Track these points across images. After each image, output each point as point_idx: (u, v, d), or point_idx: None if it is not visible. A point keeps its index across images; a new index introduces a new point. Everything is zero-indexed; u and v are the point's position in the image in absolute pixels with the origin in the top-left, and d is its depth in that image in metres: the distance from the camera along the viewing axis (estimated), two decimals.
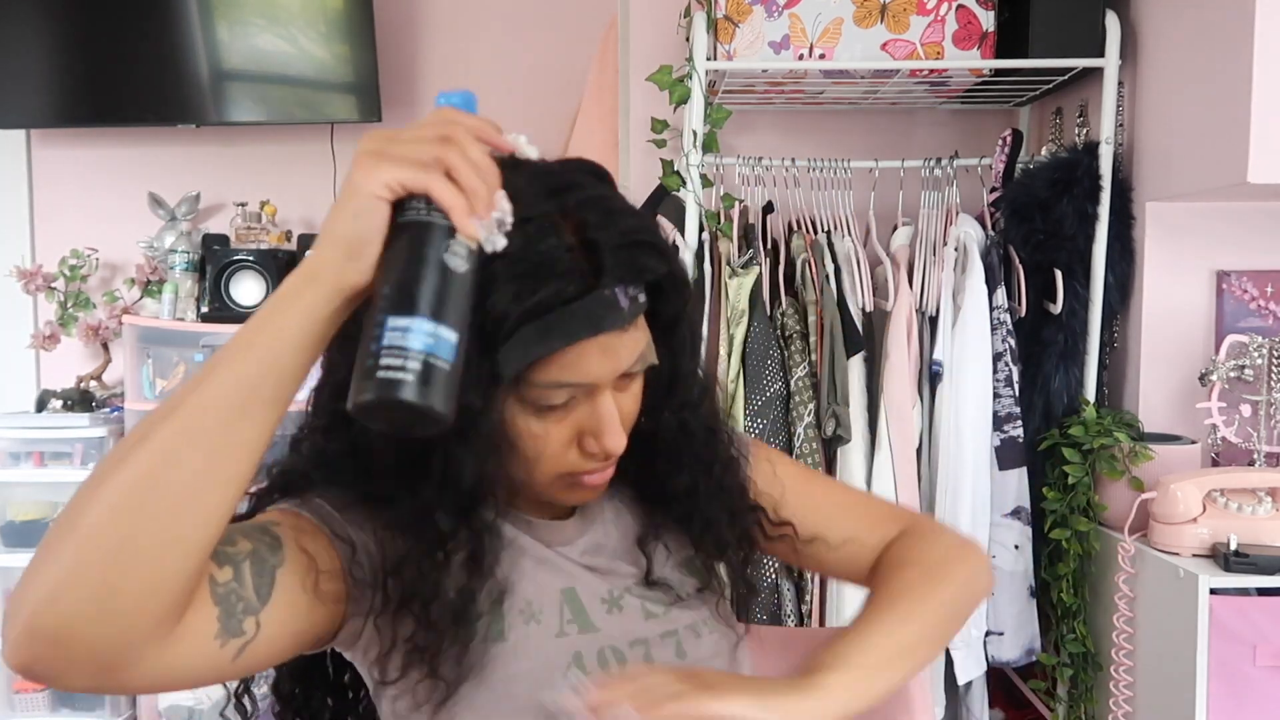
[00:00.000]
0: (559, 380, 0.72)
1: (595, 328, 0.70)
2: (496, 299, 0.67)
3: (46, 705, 2.51)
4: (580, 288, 0.69)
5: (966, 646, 1.71)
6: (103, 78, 2.59)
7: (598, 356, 0.72)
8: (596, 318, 0.70)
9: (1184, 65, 1.59)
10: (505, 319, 0.67)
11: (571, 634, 0.79)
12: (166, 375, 2.52)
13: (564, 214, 0.70)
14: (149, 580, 0.57)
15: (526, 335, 0.68)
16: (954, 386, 1.70)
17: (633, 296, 0.72)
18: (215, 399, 0.60)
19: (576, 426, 0.75)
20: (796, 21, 1.71)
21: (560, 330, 0.69)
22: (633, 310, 0.73)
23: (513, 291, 0.67)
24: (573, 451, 0.76)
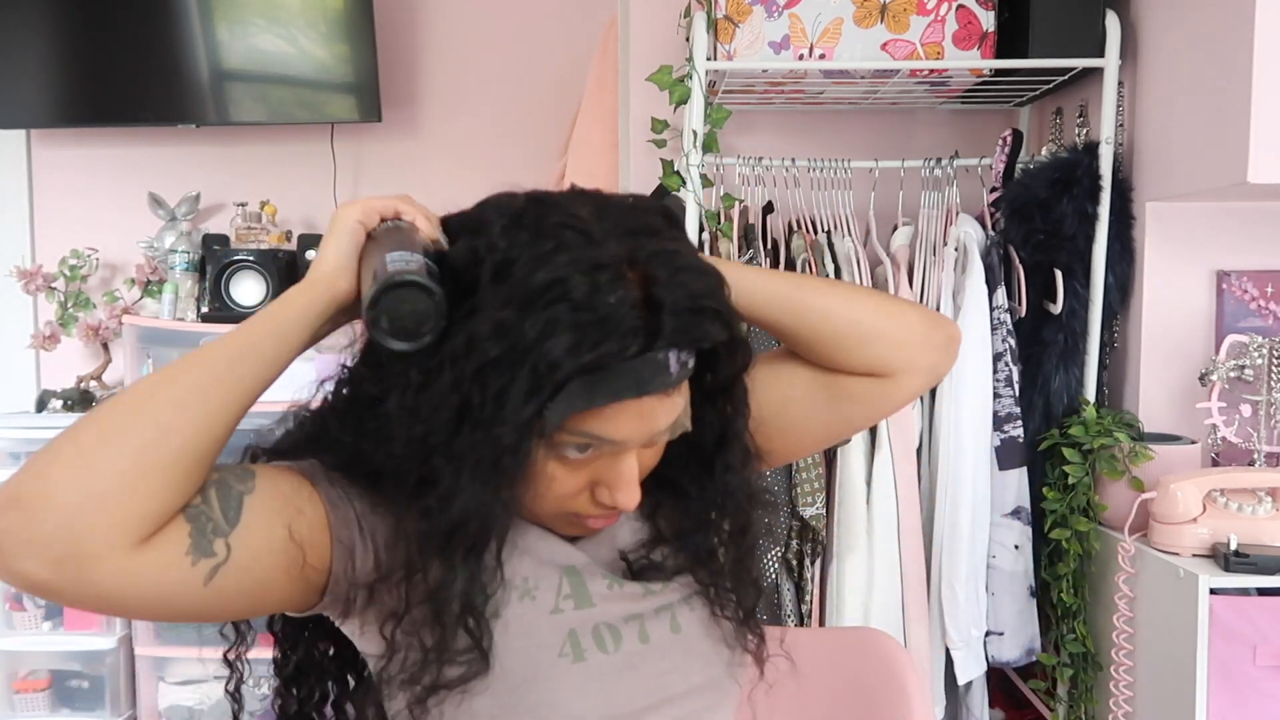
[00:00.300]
0: (590, 433, 0.71)
1: (640, 390, 0.70)
2: (554, 345, 0.66)
3: (46, 705, 2.51)
4: (637, 348, 0.68)
5: (966, 646, 1.71)
6: (103, 78, 2.60)
7: (634, 418, 0.71)
8: (643, 380, 0.69)
9: (1184, 65, 1.59)
10: (558, 369, 0.66)
11: (567, 610, 0.79)
12: None
13: (633, 264, 0.69)
14: (136, 464, 0.64)
15: (573, 390, 0.68)
16: (954, 386, 1.70)
17: (683, 362, 0.72)
18: (224, 346, 0.72)
19: (594, 476, 0.75)
20: (796, 21, 1.71)
21: (605, 389, 0.69)
22: (680, 375, 0.72)
23: (571, 341, 0.66)
24: (584, 497, 0.76)
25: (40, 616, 2.51)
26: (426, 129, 2.77)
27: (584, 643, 0.78)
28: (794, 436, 0.91)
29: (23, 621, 2.50)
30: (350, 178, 2.78)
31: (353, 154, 2.77)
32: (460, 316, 0.69)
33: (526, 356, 0.66)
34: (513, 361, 0.67)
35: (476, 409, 0.68)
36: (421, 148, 2.75)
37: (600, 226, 0.70)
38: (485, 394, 0.67)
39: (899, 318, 0.88)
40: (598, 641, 0.78)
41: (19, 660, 2.53)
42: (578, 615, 0.79)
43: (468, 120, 2.74)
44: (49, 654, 2.52)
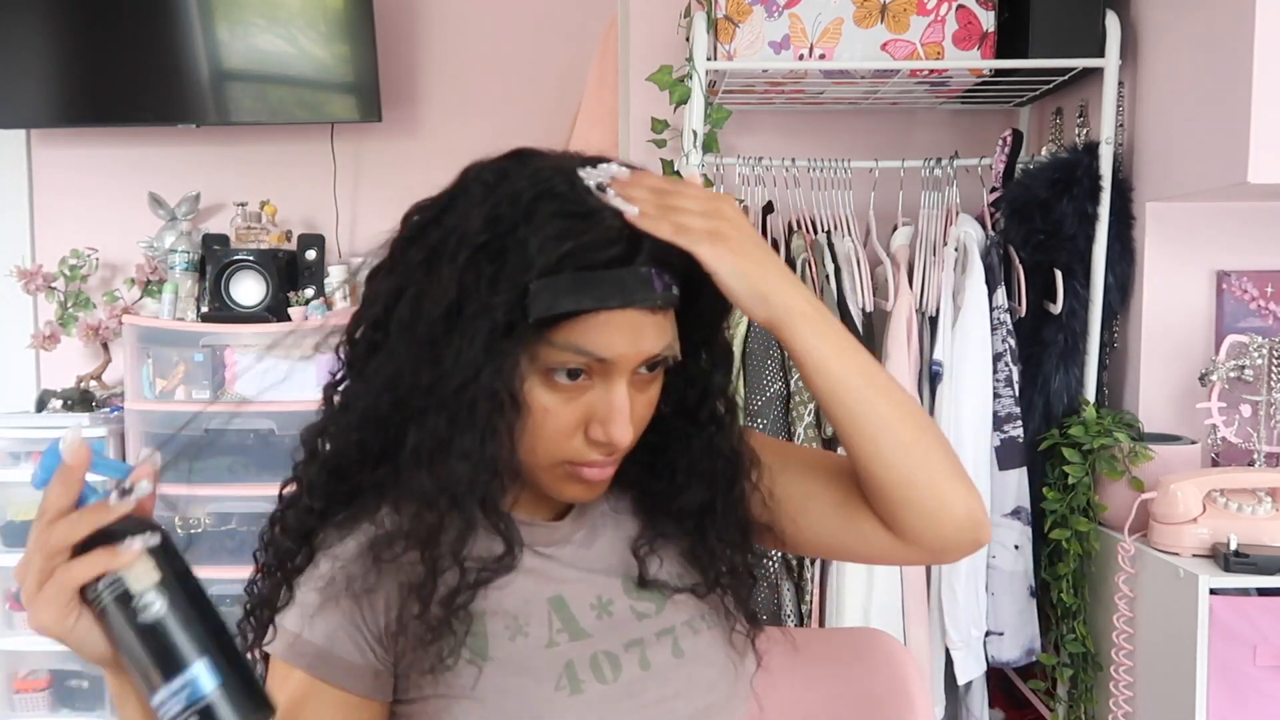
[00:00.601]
0: (579, 345, 0.70)
1: (627, 299, 0.70)
2: (538, 233, 0.67)
3: (46, 705, 2.51)
4: (620, 254, 0.69)
5: (966, 646, 1.71)
6: (103, 78, 2.59)
7: (622, 332, 0.71)
8: (629, 289, 0.70)
9: (1184, 65, 1.59)
10: (543, 253, 0.67)
11: (562, 643, 0.77)
12: (166, 375, 2.52)
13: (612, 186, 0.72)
14: None
15: (560, 284, 0.68)
16: (954, 386, 1.70)
17: (667, 283, 0.72)
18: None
19: (586, 410, 0.73)
20: (796, 21, 1.71)
21: (593, 291, 0.69)
22: (666, 297, 0.72)
23: (557, 230, 0.68)
24: (578, 438, 0.74)
25: None
26: (426, 129, 2.77)
27: (581, 674, 0.76)
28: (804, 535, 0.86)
29: (23, 621, 2.50)
30: (350, 178, 2.78)
31: (353, 154, 2.77)
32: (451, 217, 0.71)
33: (515, 244, 0.68)
34: (501, 249, 0.68)
35: (472, 293, 0.68)
36: (421, 148, 2.75)
37: (577, 160, 0.74)
38: (480, 279, 0.68)
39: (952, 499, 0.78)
40: (595, 672, 0.77)
41: (19, 660, 2.53)
42: (574, 646, 0.77)
43: (468, 120, 2.74)
44: (49, 654, 2.52)
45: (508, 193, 0.70)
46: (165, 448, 0.78)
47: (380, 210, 2.73)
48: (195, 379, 2.52)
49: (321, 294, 2.56)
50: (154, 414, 2.51)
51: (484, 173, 0.74)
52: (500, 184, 0.71)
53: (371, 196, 2.77)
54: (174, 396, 2.52)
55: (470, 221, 0.69)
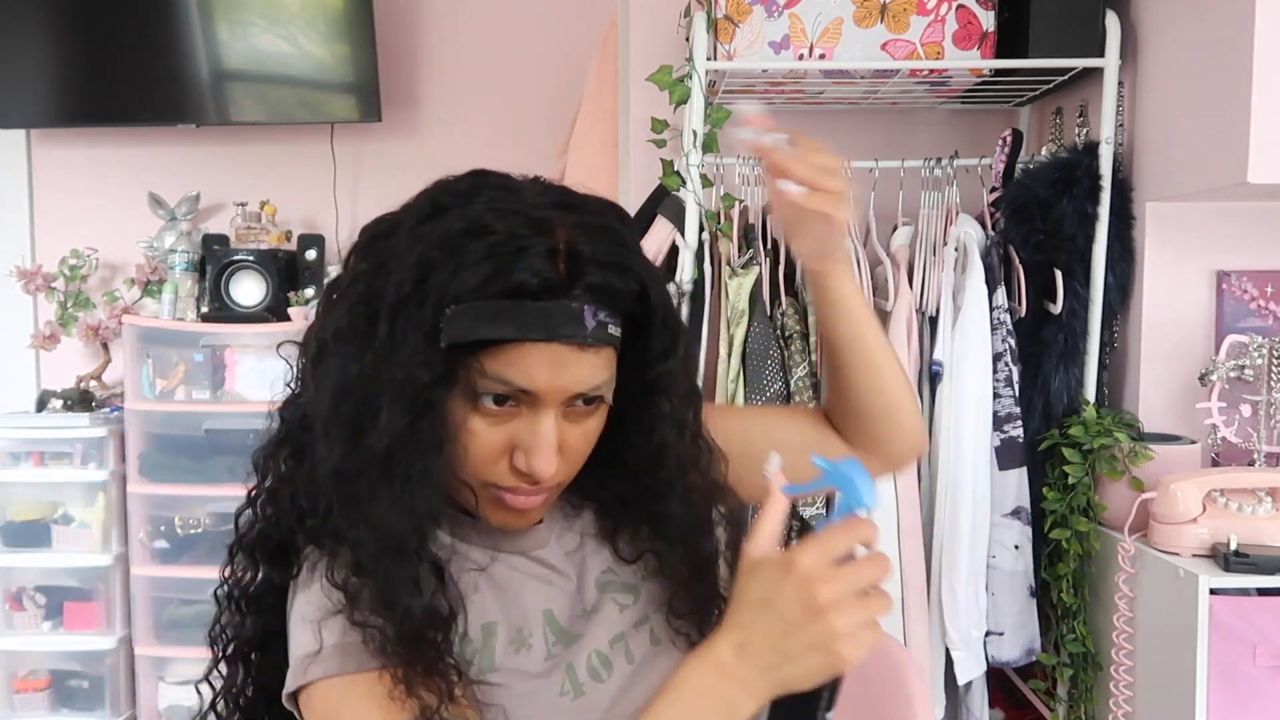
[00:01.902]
0: (500, 374, 0.70)
1: (549, 333, 0.69)
2: (463, 267, 0.68)
3: (46, 705, 2.52)
4: (548, 288, 0.69)
5: (966, 646, 1.71)
6: (103, 78, 2.60)
7: (546, 365, 0.70)
8: (554, 323, 0.69)
9: (1184, 65, 1.59)
10: (464, 289, 0.68)
11: (559, 652, 0.79)
12: (166, 375, 2.52)
13: (563, 224, 0.71)
14: None
15: (479, 309, 0.68)
16: (954, 386, 1.70)
17: (601, 321, 0.71)
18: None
19: (513, 439, 0.73)
20: (796, 21, 1.71)
21: (512, 320, 0.69)
22: (597, 333, 0.71)
23: (483, 268, 0.68)
24: (503, 463, 0.74)
25: (40, 616, 2.51)
26: (426, 129, 2.77)
27: (580, 676, 0.78)
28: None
29: (23, 621, 2.50)
30: (350, 178, 2.78)
31: (353, 154, 2.77)
32: (386, 252, 0.73)
33: (439, 286, 0.69)
34: (425, 293, 0.69)
35: (397, 337, 0.69)
36: (421, 148, 2.75)
37: (537, 198, 0.73)
38: (404, 323, 0.69)
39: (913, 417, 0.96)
40: (592, 673, 0.79)
41: (19, 660, 2.53)
42: (570, 651, 0.79)
43: (468, 120, 2.74)
44: (49, 654, 2.53)
45: (441, 230, 0.70)
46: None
47: (380, 210, 2.72)
48: (195, 379, 2.52)
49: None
50: (154, 414, 2.51)
51: (434, 196, 0.75)
52: (439, 218, 0.72)
53: (371, 196, 2.77)
54: (174, 396, 2.52)
55: (402, 258, 0.71)
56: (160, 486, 2.49)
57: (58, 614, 2.52)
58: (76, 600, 2.52)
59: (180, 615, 2.51)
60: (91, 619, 2.50)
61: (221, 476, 2.48)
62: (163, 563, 2.50)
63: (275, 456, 0.80)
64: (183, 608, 2.51)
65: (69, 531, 2.49)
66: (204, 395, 2.52)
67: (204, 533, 2.52)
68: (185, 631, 2.49)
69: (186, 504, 2.50)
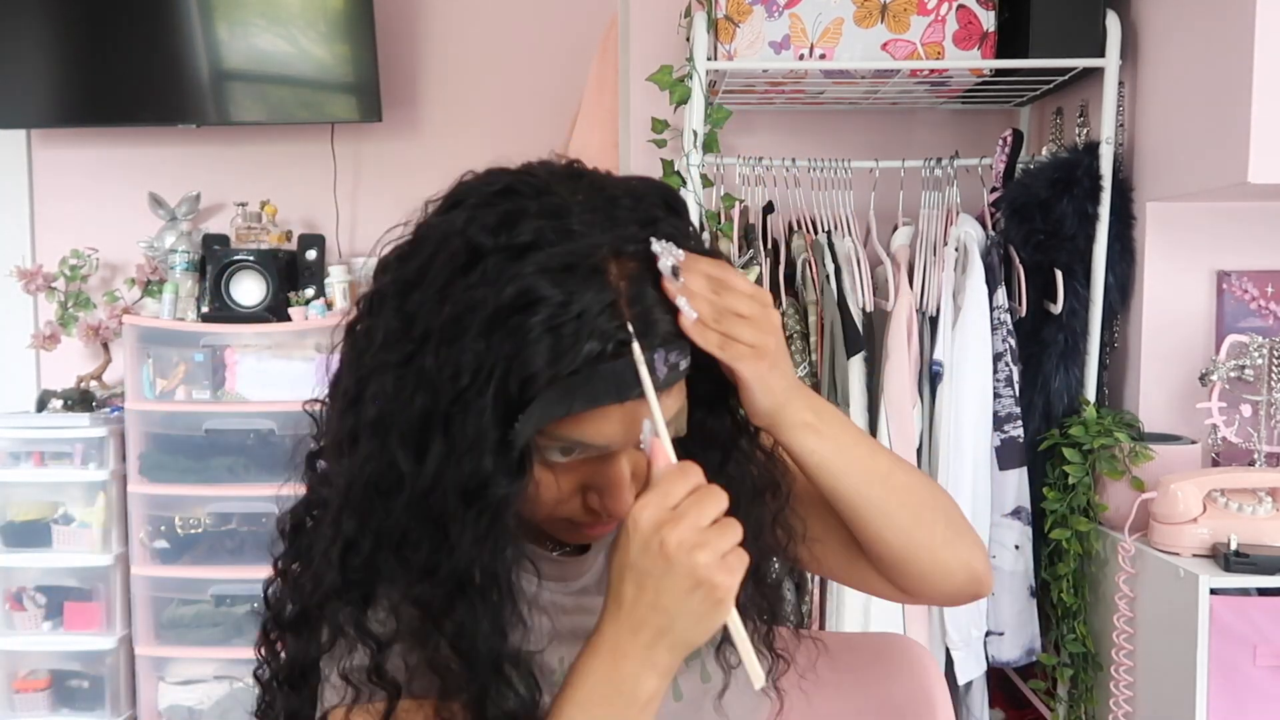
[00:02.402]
0: (573, 439, 0.66)
1: (621, 394, 0.64)
2: (527, 356, 0.62)
3: (46, 705, 2.51)
4: (616, 347, 0.63)
5: (966, 646, 1.71)
6: (103, 78, 2.59)
7: (620, 423, 0.66)
8: (625, 385, 0.64)
9: (1184, 65, 1.59)
10: (535, 380, 0.62)
11: None
12: (167, 375, 2.52)
13: (618, 255, 0.65)
14: None
15: (548, 397, 0.63)
16: (954, 386, 1.70)
17: (673, 364, 0.66)
18: None
19: (584, 481, 0.70)
20: (797, 21, 1.71)
21: (584, 393, 0.63)
22: (669, 378, 0.66)
23: (547, 351, 0.62)
24: (576, 502, 0.71)
25: (40, 616, 2.51)
26: (426, 129, 2.77)
27: None
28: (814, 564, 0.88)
29: (23, 621, 2.50)
30: (350, 178, 2.78)
31: (353, 154, 2.77)
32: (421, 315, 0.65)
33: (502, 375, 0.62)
34: (483, 386, 0.63)
35: (457, 436, 0.64)
36: (421, 148, 2.75)
37: (582, 218, 0.65)
38: (464, 420, 0.63)
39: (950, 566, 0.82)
40: None
41: (19, 660, 2.53)
42: None
43: (468, 120, 2.74)
44: (49, 654, 2.52)
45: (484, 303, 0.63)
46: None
47: (380, 210, 2.73)
48: (195, 379, 2.52)
49: (322, 294, 2.56)
50: (154, 414, 2.51)
51: (468, 233, 0.66)
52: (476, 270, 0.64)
53: (371, 196, 2.77)
54: (174, 396, 2.52)
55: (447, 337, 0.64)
56: (160, 486, 2.49)
57: (58, 614, 2.52)
58: (76, 600, 2.52)
59: (180, 615, 2.50)
60: (91, 619, 2.50)
61: (221, 476, 2.48)
62: (163, 563, 2.50)
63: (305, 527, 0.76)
64: (183, 608, 2.51)
65: (69, 531, 2.49)
66: (204, 395, 2.52)
67: (204, 533, 2.52)
68: (185, 631, 2.49)
69: (186, 504, 2.50)
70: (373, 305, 0.70)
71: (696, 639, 0.64)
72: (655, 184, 0.72)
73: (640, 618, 0.63)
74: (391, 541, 0.68)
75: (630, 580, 0.63)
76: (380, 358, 0.67)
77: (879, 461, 0.79)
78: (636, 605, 0.63)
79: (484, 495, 0.65)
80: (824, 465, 0.76)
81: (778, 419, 0.74)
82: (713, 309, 0.68)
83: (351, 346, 0.72)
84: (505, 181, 0.69)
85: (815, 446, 0.76)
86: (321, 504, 0.74)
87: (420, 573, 0.67)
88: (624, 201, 0.68)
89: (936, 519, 0.81)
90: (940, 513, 0.81)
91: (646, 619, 0.63)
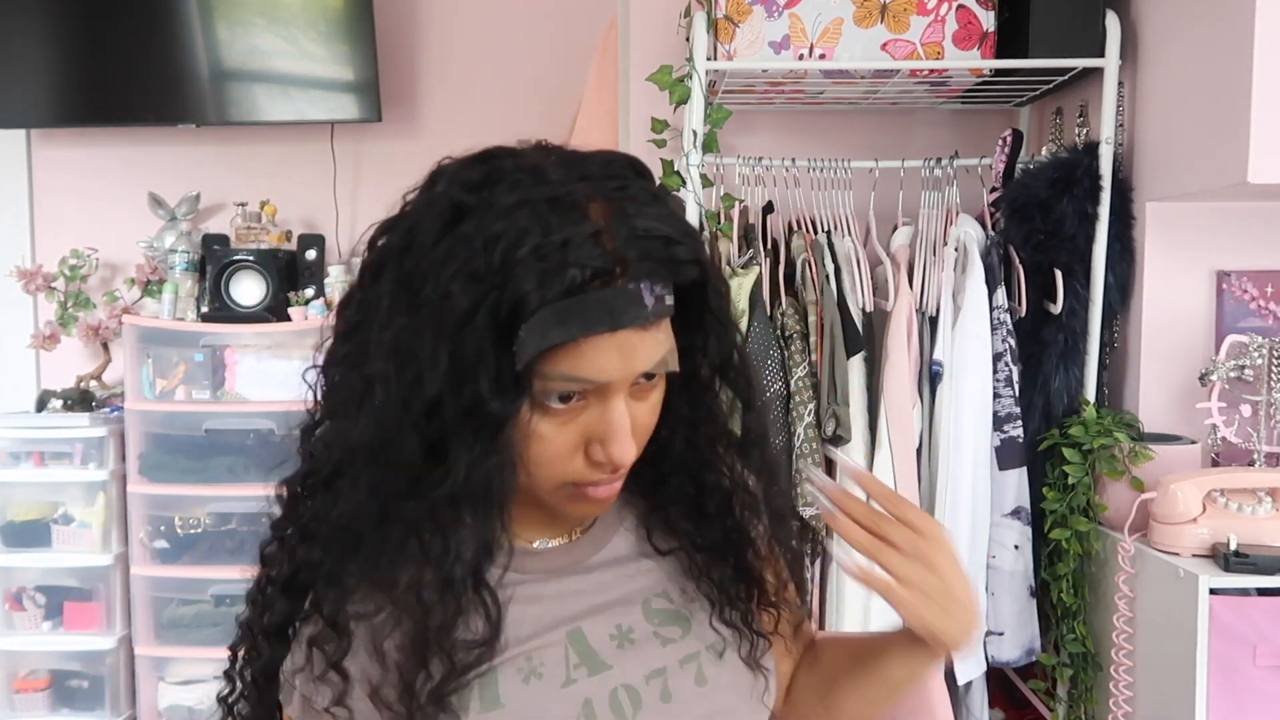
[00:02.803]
0: (570, 374, 0.67)
1: (614, 322, 0.66)
2: (517, 283, 0.64)
3: (46, 705, 2.52)
4: (604, 276, 0.66)
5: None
6: (103, 78, 2.60)
7: (614, 354, 0.67)
8: (617, 311, 0.66)
9: (1184, 65, 1.59)
10: (525, 305, 0.64)
11: (580, 679, 0.74)
12: (167, 375, 2.52)
13: (592, 197, 0.67)
14: None
15: (543, 319, 0.64)
16: (954, 386, 1.70)
17: (659, 295, 0.68)
18: None
19: (585, 431, 0.71)
20: (796, 21, 1.71)
21: (578, 319, 0.65)
22: (657, 310, 0.68)
23: (535, 276, 0.64)
24: (579, 459, 0.71)
25: (40, 616, 2.51)
26: (426, 129, 2.77)
27: (599, 712, 0.74)
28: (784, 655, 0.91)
29: (23, 621, 2.50)
30: (350, 178, 2.78)
31: (353, 154, 2.77)
32: (414, 270, 0.68)
33: (494, 301, 0.65)
34: (478, 316, 0.65)
35: (458, 366, 0.66)
36: (421, 148, 2.75)
37: (558, 169, 0.68)
38: (463, 352, 0.65)
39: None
40: (615, 709, 0.74)
41: (19, 660, 2.53)
42: (593, 683, 0.75)
43: (468, 120, 2.74)
44: (49, 654, 2.53)
45: (472, 239, 0.66)
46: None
47: (380, 210, 2.71)
48: (195, 379, 2.52)
49: (321, 294, 2.57)
50: (154, 414, 2.51)
51: (450, 193, 0.69)
52: (463, 222, 0.67)
53: (371, 196, 2.77)
54: (174, 396, 2.52)
55: (442, 276, 0.66)
56: (160, 486, 2.49)
57: (58, 614, 2.52)
58: (76, 600, 2.52)
59: (180, 615, 2.51)
60: (91, 619, 2.50)
61: (221, 476, 2.48)
62: (163, 563, 2.50)
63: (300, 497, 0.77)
64: (183, 608, 2.51)
65: (69, 531, 2.50)
66: (204, 395, 2.52)
67: (204, 532, 2.52)
68: (185, 631, 2.49)
69: (186, 504, 2.50)
70: (364, 276, 0.73)
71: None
72: (621, 154, 0.74)
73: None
74: (379, 469, 0.69)
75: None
76: (381, 319, 0.69)
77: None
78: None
79: (480, 415, 0.66)
80: (898, 692, 0.82)
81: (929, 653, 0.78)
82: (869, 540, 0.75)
83: (348, 315, 0.74)
84: (481, 152, 0.72)
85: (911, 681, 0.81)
86: (318, 468, 0.75)
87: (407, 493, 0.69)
88: (594, 161, 0.71)
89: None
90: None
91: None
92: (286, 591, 0.75)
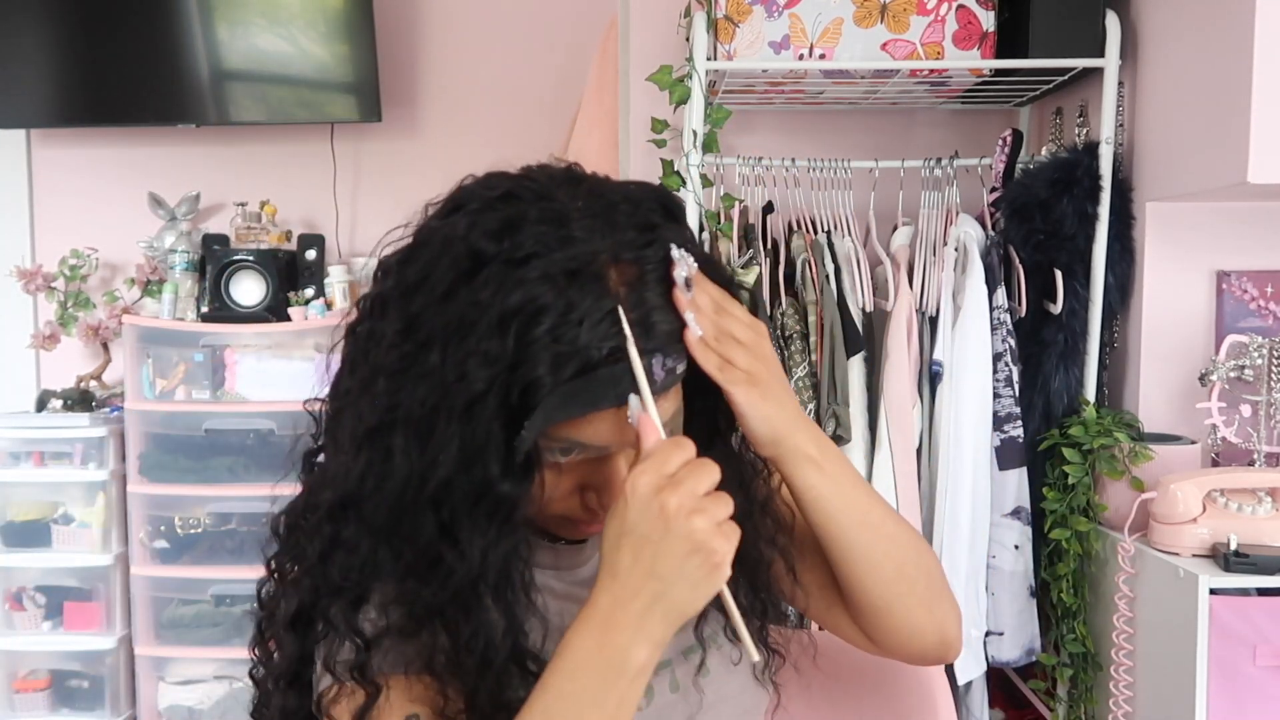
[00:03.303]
0: (573, 439, 0.68)
1: (621, 398, 0.65)
2: (531, 366, 0.63)
3: (46, 705, 2.52)
4: (617, 354, 0.65)
5: (966, 646, 1.71)
6: (103, 78, 2.60)
7: (616, 423, 0.67)
8: (624, 389, 0.65)
9: (1184, 65, 1.59)
10: (538, 389, 0.63)
11: None
12: (166, 375, 2.52)
13: (617, 261, 0.66)
14: None
15: (551, 403, 0.64)
16: (954, 386, 1.70)
17: (669, 368, 0.68)
18: None
19: (583, 480, 0.72)
20: (796, 21, 1.71)
21: (585, 397, 0.65)
22: (667, 381, 0.68)
23: (550, 359, 0.63)
24: (573, 499, 0.72)
25: (40, 616, 2.51)
26: (426, 129, 2.77)
27: None
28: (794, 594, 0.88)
29: (23, 621, 2.50)
30: (350, 178, 2.78)
31: (353, 154, 2.77)
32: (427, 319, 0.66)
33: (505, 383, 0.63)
34: (488, 393, 0.64)
35: (466, 441, 0.65)
36: (421, 148, 2.75)
37: (581, 224, 0.66)
38: (472, 427, 0.64)
39: (923, 625, 0.82)
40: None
41: (19, 660, 2.53)
42: None
43: (468, 120, 2.74)
44: (49, 654, 2.52)
45: (489, 306, 0.64)
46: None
47: (380, 210, 2.73)
48: (195, 379, 2.52)
49: (321, 294, 2.56)
50: (154, 414, 2.51)
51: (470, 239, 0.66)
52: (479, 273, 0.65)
53: (371, 196, 2.77)
54: (174, 396, 2.52)
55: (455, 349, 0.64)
56: (160, 486, 2.49)
57: (58, 614, 2.52)
58: (76, 600, 2.52)
59: (180, 615, 2.51)
60: (91, 619, 2.50)
61: (221, 476, 2.48)
62: (163, 563, 2.50)
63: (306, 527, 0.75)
64: (183, 608, 2.51)
65: (69, 531, 2.50)
66: (204, 395, 2.52)
67: (204, 533, 2.52)
68: (185, 631, 2.49)
69: (186, 504, 2.50)
70: (374, 308, 0.71)
71: (691, 607, 0.64)
72: (653, 189, 0.73)
73: (635, 585, 0.63)
74: (392, 542, 0.69)
75: (627, 547, 0.63)
76: (384, 360, 0.68)
77: (874, 507, 0.80)
78: (632, 572, 0.63)
79: (492, 499, 0.65)
80: (821, 501, 0.77)
81: (779, 449, 0.75)
82: (714, 329, 0.70)
83: (354, 348, 0.73)
84: (505, 187, 0.70)
85: (815, 481, 0.76)
86: (318, 504, 0.74)
87: (427, 575, 0.68)
88: (622, 207, 0.69)
89: (919, 576, 0.82)
90: (923, 571, 0.82)
91: (642, 586, 0.63)
92: (293, 629, 0.75)
